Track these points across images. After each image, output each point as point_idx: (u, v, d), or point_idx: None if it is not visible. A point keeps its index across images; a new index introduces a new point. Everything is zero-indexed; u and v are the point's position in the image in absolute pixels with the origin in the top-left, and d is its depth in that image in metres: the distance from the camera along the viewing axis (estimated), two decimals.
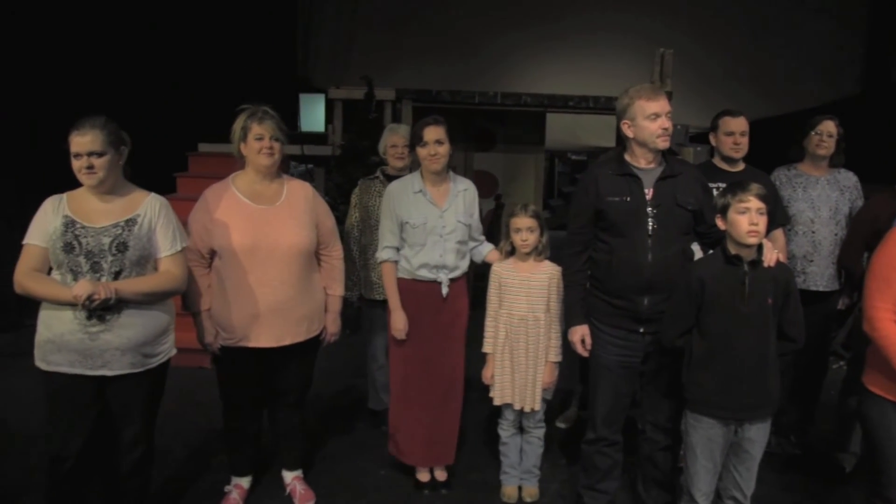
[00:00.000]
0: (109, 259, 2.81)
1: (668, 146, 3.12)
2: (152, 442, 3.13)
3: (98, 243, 2.80)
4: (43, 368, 2.88)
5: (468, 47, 9.42)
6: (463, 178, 3.81)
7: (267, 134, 3.28)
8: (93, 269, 2.79)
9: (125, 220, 2.87)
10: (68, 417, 2.91)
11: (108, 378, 2.87)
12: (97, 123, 2.83)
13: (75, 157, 2.81)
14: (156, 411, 3.13)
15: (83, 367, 2.82)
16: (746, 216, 2.77)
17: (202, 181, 6.70)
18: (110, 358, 2.83)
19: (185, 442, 4.39)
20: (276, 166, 3.38)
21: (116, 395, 2.93)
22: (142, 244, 2.87)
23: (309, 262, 3.46)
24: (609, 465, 3.38)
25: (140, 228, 2.88)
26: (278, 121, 3.35)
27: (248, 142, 3.31)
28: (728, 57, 9.23)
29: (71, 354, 2.81)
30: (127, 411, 2.98)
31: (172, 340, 3.11)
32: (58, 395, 2.89)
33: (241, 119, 3.32)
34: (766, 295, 2.80)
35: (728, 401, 2.86)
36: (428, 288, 3.66)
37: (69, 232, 2.80)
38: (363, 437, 4.50)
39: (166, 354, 3.06)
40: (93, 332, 2.79)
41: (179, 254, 3.00)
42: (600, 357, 3.26)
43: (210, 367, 5.51)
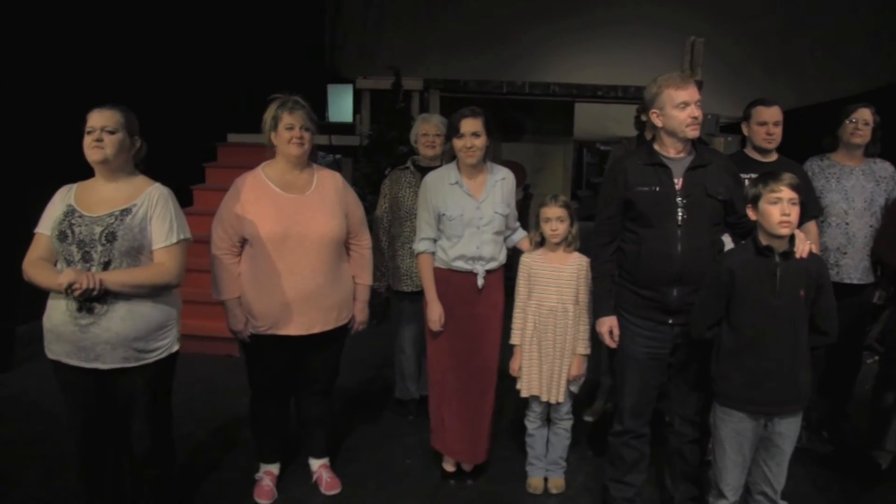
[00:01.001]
0: (99, 249, 2.75)
1: (699, 135, 3.07)
2: (165, 431, 3.09)
3: (90, 233, 2.77)
4: (49, 357, 2.89)
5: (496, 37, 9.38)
6: (501, 166, 3.77)
7: (297, 124, 3.29)
8: (84, 258, 2.75)
9: (120, 210, 2.82)
10: (76, 405, 2.92)
11: (104, 371, 2.83)
12: (117, 107, 2.86)
13: (88, 132, 2.81)
14: (163, 405, 3.06)
15: (78, 359, 2.80)
16: (778, 206, 2.71)
17: (231, 171, 6.79)
18: (101, 351, 2.78)
19: (213, 429, 4.43)
20: (306, 156, 3.38)
21: (116, 389, 2.90)
22: (132, 235, 2.79)
23: (338, 252, 3.47)
24: (636, 457, 3.35)
25: (133, 219, 2.82)
26: (309, 110, 3.35)
27: (278, 131, 3.31)
28: (758, 46, 9.11)
29: (66, 345, 2.80)
30: (129, 404, 2.94)
31: (174, 336, 3.01)
32: (63, 384, 2.90)
33: (272, 108, 3.33)
34: (798, 287, 2.75)
35: (758, 394, 2.81)
36: (463, 279, 3.64)
37: (66, 220, 2.79)
38: (390, 427, 4.51)
39: (166, 350, 2.95)
40: (83, 325, 2.75)
41: (175, 246, 2.89)
42: (628, 349, 3.22)
43: (238, 356, 5.57)
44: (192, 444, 4.16)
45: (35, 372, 5.15)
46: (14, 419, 4.46)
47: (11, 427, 4.34)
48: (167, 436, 3.12)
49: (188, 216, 5.95)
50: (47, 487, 3.65)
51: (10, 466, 3.86)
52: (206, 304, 5.37)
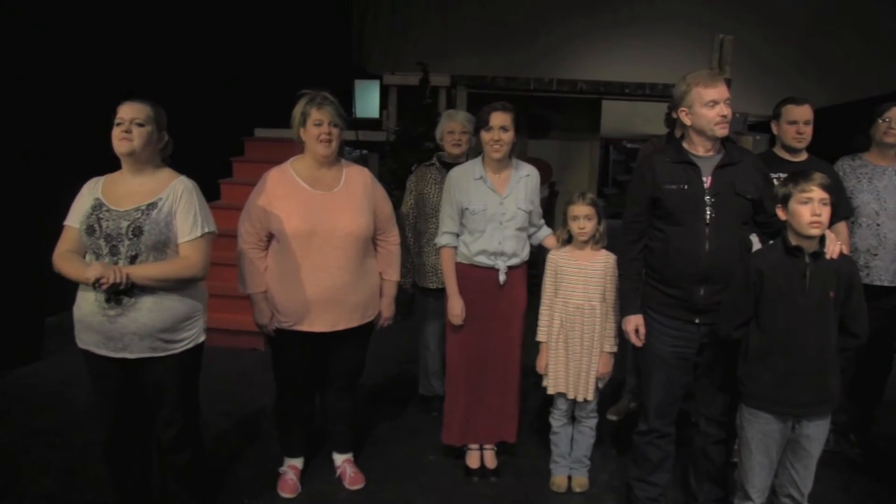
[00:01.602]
0: (126, 243, 2.79)
1: (727, 133, 3.04)
2: (191, 420, 3.12)
3: (117, 227, 2.80)
4: (79, 346, 2.93)
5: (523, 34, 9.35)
6: (526, 163, 3.77)
7: (326, 120, 3.29)
8: (111, 252, 2.79)
9: (146, 205, 2.85)
10: (104, 394, 2.96)
11: (131, 361, 2.87)
12: (146, 101, 2.89)
13: (117, 123, 2.83)
14: (191, 393, 3.10)
15: (107, 349, 2.85)
16: (809, 206, 2.69)
17: (258, 166, 6.86)
18: (129, 342, 2.83)
19: (237, 421, 4.46)
20: (334, 155, 3.38)
21: (143, 378, 2.94)
22: (158, 229, 2.82)
23: (365, 248, 3.47)
24: (661, 457, 3.34)
25: (159, 213, 2.85)
26: (337, 106, 3.35)
27: (307, 127, 3.32)
28: (788, 44, 9.00)
29: (95, 335, 2.84)
30: (156, 393, 2.99)
31: (200, 327, 3.05)
32: (92, 373, 2.95)
33: (301, 104, 3.33)
34: (829, 288, 2.72)
35: (786, 396, 2.79)
36: (485, 274, 3.65)
37: (94, 214, 2.83)
38: (413, 423, 4.52)
39: (192, 341, 3.00)
40: (111, 316, 2.79)
41: (200, 239, 2.91)
42: (654, 348, 3.21)
43: (263, 350, 5.61)
44: (217, 435, 4.18)
45: (64, 362, 5.23)
46: (43, 408, 4.52)
47: (41, 416, 4.40)
48: (194, 424, 3.16)
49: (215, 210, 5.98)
50: (75, 476, 3.70)
51: (40, 454, 3.91)
52: (231, 298, 5.43)
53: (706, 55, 7.21)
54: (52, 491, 3.57)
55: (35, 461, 3.84)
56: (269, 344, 3.57)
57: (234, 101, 7.31)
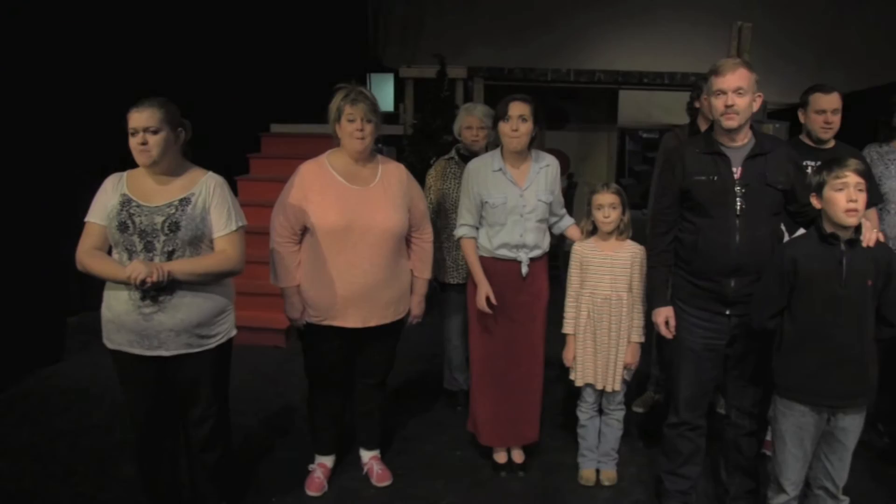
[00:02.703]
0: (162, 239, 2.78)
1: (735, 125, 2.94)
2: (223, 417, 3.13)
3: (151, 223, 2.79)
4: (109, 347, 2.91)
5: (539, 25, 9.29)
6: (545, 153, 3.73)
7: (359, 115, 3.26)
8: (146, 248, 2.78)
9: (179, 200, 2.84)
10: (137, 394, 2.95)
11: (166, 358, 2.87)
12: (155, 102, 2.83)
13: (132, 133, 2.80)
14: (223, 389, 3.12)
15: (141, 348, 2.83)
16: (844, 193, 2.63)
17: (274, 161, 6.90)
18: (165, 339, 2.82)
19: (263, 418, 4.46)
20: (368, 150, 3.36)
21: (178, 375, 2.94)
22: (195, 224, 2.83)
23: (399, 245, 3.45)
24: (692, 449, 3.30)
25: (193, 208, 2.85)
26: (372, 101, 3.32)
27: (341, 123, 3.29)
28: (808, 30, 8.90)
29: (129, 334, 2.83)
30: (191, 389, 2.99)
31: (232, 321, 3.07)
32: (124, 372, 2.94)
33: (337, 99, 3.31)
34: (866, 276, 2.66)
35: (822, 387, 2.74)
36: (507, 267, 3.61)
37: (124, 210, 2.80)
38: (439, 418, 4.50)
39: (225, 335, 3.02)
40: (146, 314, 2.78)
41: (235, 233, 2.94)
42: (684, 340, 3.17)
43: (286, 346, 5.61)
44: (243, 433, 4.17)
45: (86, 362, 5.24)
46: (67, 409, 4.53)
47: (65, 417, 4.41)
48: (226, 421, 3.16)
49: None
50: (102, 477, 3.69)
51: (66, 456, 3.91)
52: (253, 295, 5.45)
53: (725, 43, 7.16)
54: (82, 490, 3.57)
55: (63, 462, 3.84)
56: (300, 339, 3.55)
57: (248, 95, 7.28)
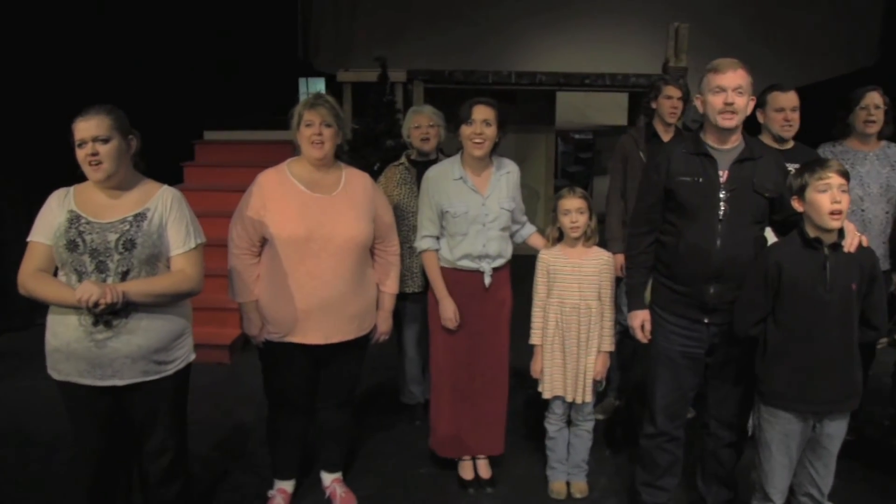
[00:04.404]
0: (116, 258, 2.56)
1: (733, 125, 2.87)
2: (182, 448, 2.94)
3: (103, 240, 2.57)
4: (55, 378, 2.68)
5: (477, 27, 9.21)
6: (506, 159, 3.62)
7: (317, 120, 3.09)
8: (98, 268, 2.56)
9: (133, 215, 2.63)
10: (88, 428, 2.73)
11: (121, 388, 2.65)
12: (102, 109, 2.62)
13: (79, 145, 2.58)
14: (181, 418, 2.93)
15: (92, 378, 2.61)
16: (828, 194, 2.59)
17: (211, 169, 6.66)
18: (120, 367, 2.61)
19: (215, 444, 4.22)
20: (328, 157, 3.19)
21: (133, 405, 2.73)
22: (151, 241, 2.63)
23: (364, 257, 3.28)
24: (670, 461, 3.23)
25: (150, 224, 2.64)
26: (332, 105, 3.16)
27: (300, 129, 3.13)
28: (750, 27, 9.02)
29: (79, 363, 2.60)
30: (147, 420, 2.78)
31: (190, 344, 2.87)
32: (73, 405, 2.71)
33: (298, 107, 3.16)
34: (850, 280, 2.63)
35: (808, 394, 2.69)
36: (469, 278, 3.50)
37: (73, 228, 2.58)
38: (399, 434, 4.34)
39: (184, 360, 2.82)
40: (99, 340, 2.56)
41: (194, 251, 2.74)
42: (661, 346, 3.09)
43: (230, 363, 5.36)
44: (195, 459, 3.91)
45: (12, 390, 4.90)
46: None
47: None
48: (184, 452, 2.97)
49: None
50: None
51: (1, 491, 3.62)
52: (194, 310, 5.16)
53: (662, 44, 7.19)
54: None
55: None
56: (259, 358, 3.36)
57: (178, 103, 6.97)
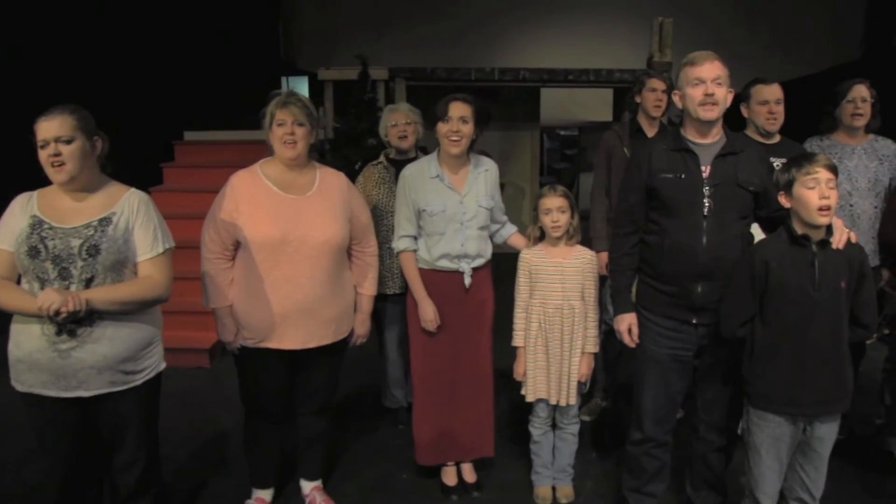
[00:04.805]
0: (79, 264, 2.46)
1: (714, 118, 2.81)
2: (153, 461, 2.83)
3: (66, 246, 2.46)
4: (18, 389, 2.58)
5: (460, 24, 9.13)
6: (484, 157, 3.54)
7: (289, 119, 2.99)
8: (61, 275, 2.45)
9: (98, 220, 2.53)
10: (54, 441, 2.62)
11: (87, 399, 2.55)
12: (66, 109, 2.52)
13: (41, 146, 2.47)
14: (152, 430, 2.82)
15: (57, 389, 2.51)
16: (816, 190, 2.51)
17: (191, 171, 6.54)
18: (85, 377, 2.51)
19: (192, 451, 4.11)
20: (301, 157, 3.09)
21: (100, 417, 2.63)
22: (116, 247, 2.52)
23: (340, 259, 3.19)
24: (657, 466, 3.15)
25: (115, 229, 2.54)
26: (305, 104, 3.06)
27: (272, 129, 3.03)
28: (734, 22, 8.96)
29: (42, 374, 2.49)
30: (116, 432, 2.68)
31: (160, 353, 2.77)
32: (37, 417, 2.60)
33: (270, 105, 3.05)
34: (840, 278, 2.55)
35: (797, 396, 2.61)
36: (449, 279, 3.41)
37: (35, 234, 2.47)
38: (381, 438, 4.24)
39: (154, 369, 2.72)
40: (63, 350, 2.46)
41: (162, 256, 2.65)
42: (649, 350, 3.01)
43: (210, 367, 5.26)
44: (170, 466, 3.82)
45: None
46: None
47: None
48: (156, 464, 2.86)
49: None
50: None
51: None
52: (173, 314, 5.08)
53: (646, 39, 7.12)
54: None
55: None
56: (235, 364, 3.26)
57: (157, 103, 6.86)
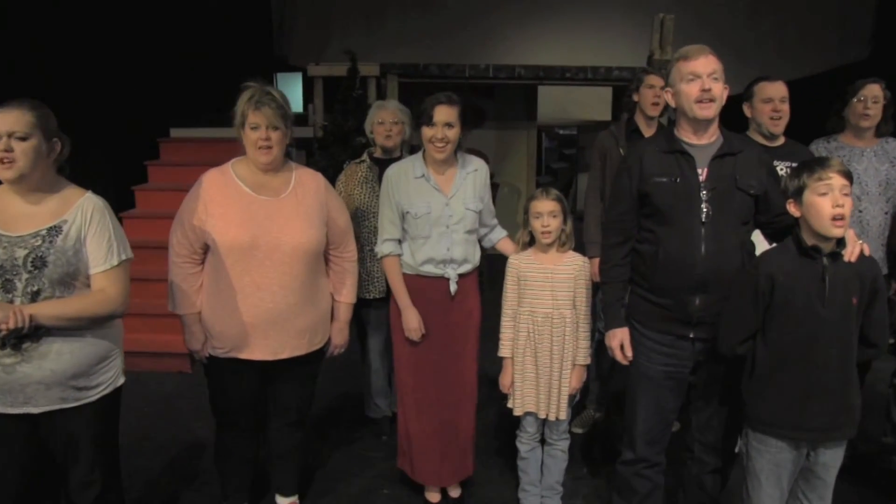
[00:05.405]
0: (24, 277, 2.28)
1: (711, 115, 2.63)
2: (111, 481, 2.63)
3: (11, 256, 2.28)
4: None
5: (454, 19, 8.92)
6: (473, 157, 3.37)
7: (263, 123, 2.80)
8: (4, 288, 2.27)
9: (47, 229, 2.34)
10: (3, 461, 2.44)
11: (37, 415, 2.37)
12: (25, 103, 2.33)
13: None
14: (109, 449, 2.63)
15: (3, 405, 2.34)
16: (829, 198, 2.31)
17: (176, 169, 6.35)
18: (33, 393, 2.33)
19: (166, 461, 3.93)
20: (276, 162, 2.91)
21: (52, 434, 2.45)
22: (66, 259, 2.33)
23: (316, 265, 3.00)
24: (649, 488, 2.96)
25: (65, 239, 2.34)
26: (280, 104, 2.85)
27: (245, 131, 2.84)
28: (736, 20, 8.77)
29: None
30: (69, 451, 2.49)
31: (118, 367, 2.57)
32: None
33: (241, 102, 2.85)
34: (851, 294, 2.35)
35: (801, 420, 2.42)
36: (433, 285, 3.24)
37: None
38: (364, 450, 4.06)
39: (110, 384, 2.53)
40: (7, 365, 2.28)
41: (118, 269, 2.44)
42: (642, 367, 2.82)
43: (191, 372, 5.07)
44: (145, 479, 3.67)
45: None
46: None
47: None
48: (115, 484, 2.67)
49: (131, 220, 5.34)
50: None
51: None
52: (151, 317, 4.95)
53: (646, 36, 6.94)
54: None
55: None
56: (204, 374, 3.08)
57: (144, 98, 6.65)
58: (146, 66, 6.69)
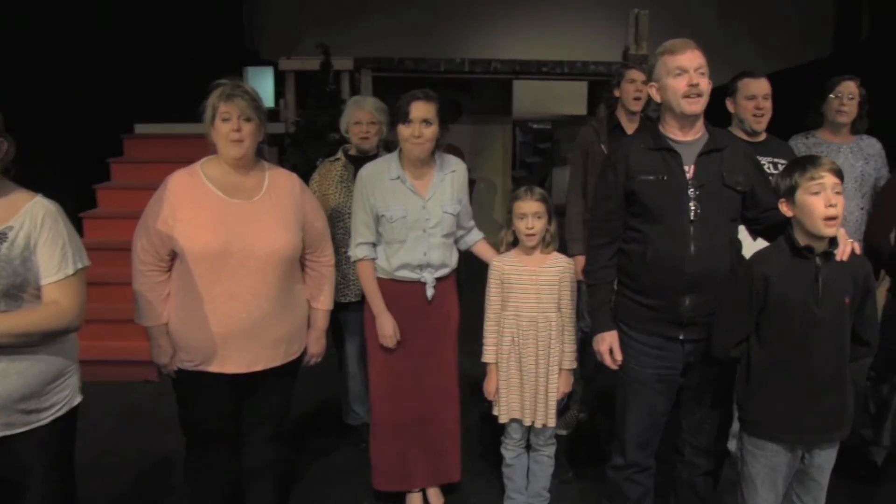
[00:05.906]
0: None
1: (698, 111, 2.57)
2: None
3: None
4: None
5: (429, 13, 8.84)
6: (451, 156, 3.25)
7: (235, 114, 2.66)
8: None
9: None
10: None
11: None
12: None
13: None
14: (63, 476, 2.41)
15: None
16: (822, 196, 2.27)
17: (141, 166, 6.17)
18: None
19: (134, 477, 3.77)
20: (248, 157, 2.76)
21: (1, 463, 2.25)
22: (12, 268, 2.13)
23: (291, 271, 2.86)
24: (640, 493, 2.90)
25: (11, 247, 2.14)
26: (252, 97, 2.73)
27: (216, 125, 2.70)
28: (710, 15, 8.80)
29: None
30: (19, 478, 2.28)
31: (74, 385, 2.37)
32: None
33: (212, 97, 2.72)
34: (844, 294, 2.32)
35: (797, 423, 2.38)
36: (409, 290, 3.14)
37: None
38: (340, 459, 3.94)
39: (65, 405, 2.33)
40: None
41: (73, 278, 2.24)
42: (632, 370, 2.75)
43: (159, 380, 4.90)
44: (112, 497, 3.52)
45: None
46: None
47: None
48: None
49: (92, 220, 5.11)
50: None
51: None
52: (114, 322, 4.77)
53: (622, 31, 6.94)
54: None
55: None
56: (173, 388, 2.92)
57: (106, 93, 6.42)
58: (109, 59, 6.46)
